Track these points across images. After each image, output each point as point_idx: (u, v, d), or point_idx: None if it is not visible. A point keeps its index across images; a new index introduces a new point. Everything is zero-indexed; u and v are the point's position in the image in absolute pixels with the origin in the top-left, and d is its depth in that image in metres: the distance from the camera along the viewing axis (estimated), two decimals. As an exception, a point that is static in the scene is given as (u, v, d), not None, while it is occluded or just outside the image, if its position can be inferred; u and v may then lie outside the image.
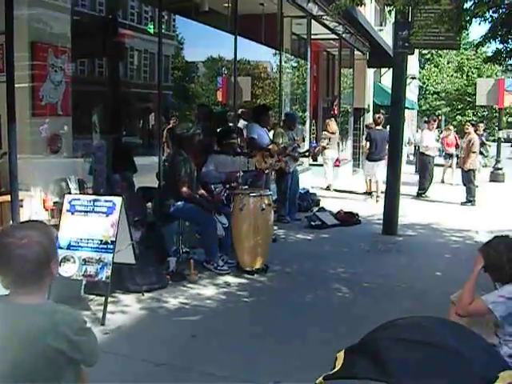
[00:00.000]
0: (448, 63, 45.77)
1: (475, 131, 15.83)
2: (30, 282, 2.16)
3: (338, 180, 16.65)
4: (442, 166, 18.95)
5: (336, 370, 1.16)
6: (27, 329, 2.13)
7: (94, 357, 2.32)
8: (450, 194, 15.26)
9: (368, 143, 14.45)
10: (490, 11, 7.41)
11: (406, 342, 1.18)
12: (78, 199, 6.05)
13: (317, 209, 11.72)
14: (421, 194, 15.04)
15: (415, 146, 22.98)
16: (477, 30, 57.41)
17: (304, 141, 12.52)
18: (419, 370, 1.14)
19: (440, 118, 39.60)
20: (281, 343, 5.22)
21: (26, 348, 2.12)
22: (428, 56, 45.23)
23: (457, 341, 1.19)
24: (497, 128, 25.17)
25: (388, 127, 13.41)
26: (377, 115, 15.52)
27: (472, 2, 7.34)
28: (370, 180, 14.84)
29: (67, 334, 2.14)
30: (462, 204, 14.05)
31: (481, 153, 17.91)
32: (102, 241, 5.74)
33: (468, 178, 14.46)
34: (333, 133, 15.76)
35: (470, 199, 14.19)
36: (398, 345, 1.17)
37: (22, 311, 2.16)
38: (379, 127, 14.39)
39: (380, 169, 13.76)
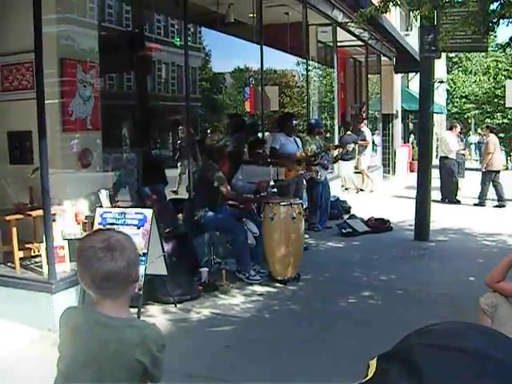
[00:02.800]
0: (476, 64, 45.21)
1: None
2: (119, 281, 2.14)
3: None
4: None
5: (368, 378, 1.14)
6: (119, 342, 2.15)
7: (162, 374, 2.34)
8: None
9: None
10: (518, 12, 7.32)
11: (440, 349, 1.15)
12: (110, 212, 6.10)
13: (347, 216, 11.65)
14: (454, 200, 14.87)
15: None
16: (506, 31, 56.82)
17: (336, 148, 12.46)
18: (455, 378, 1.11)
19: (469, 121, 39.24)
20: (315, 352, 5.20)
21: (113, 360, 2.14)
22: (456, 59, 44.81)
23: (495, 348, 1.16)
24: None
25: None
26: (347, 121, 17.72)
27: (498, 3, 7.26)
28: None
29: (152, 350, 2.17)
30: (495, 207, 13.93)
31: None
32: (133, 253, 5.76)
33: (484, 178, 14.50)
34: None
35: (481, 201, 14.37)
36: (433, 351, 1.15)
37: (113, 324, 2.17)
38: (349, 132, 16.35)
39: (350, 167, 16.36)
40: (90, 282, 2.15)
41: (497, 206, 14.07)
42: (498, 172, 14.61)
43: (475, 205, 14.27)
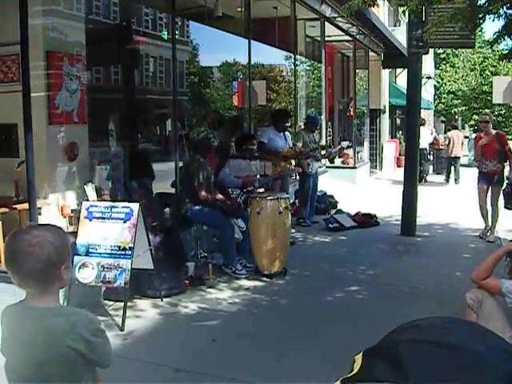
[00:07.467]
0: (463, 60, 45.28)
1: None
2: (39, 281, 2.18)
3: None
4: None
5: (354, 372, 1.15)
6: (47, 332, 2.16)
7: (108, 359, 2.35)
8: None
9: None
10: (504, 7, 7.33)
11: (424, 344, 1.16)
12: (96, 206, 6.07)
13: (334, 211, 11.65)
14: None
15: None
16: (493, 28, 56.95)
17: (325, 148, 12.33)
18: (438, 373, 1.12)
19: (456, 117, 39.35)
20: (300, 347, 5.20)
21: (47, 351, 2.15)
22: (443, 56, 44.88)
23: (478, 343, 1.16)
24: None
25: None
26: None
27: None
28: None
29: (84, 335, 2.17)
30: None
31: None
32: (119, 247, 5.75)
33: (448, 163, 19.15)
34: None
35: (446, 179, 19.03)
36: (417, 346, 1.15)
37: (40, 315, 2.19)
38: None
39: None
40: (13, 279, 2.20)
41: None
42: (458, 158, 18.70)
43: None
